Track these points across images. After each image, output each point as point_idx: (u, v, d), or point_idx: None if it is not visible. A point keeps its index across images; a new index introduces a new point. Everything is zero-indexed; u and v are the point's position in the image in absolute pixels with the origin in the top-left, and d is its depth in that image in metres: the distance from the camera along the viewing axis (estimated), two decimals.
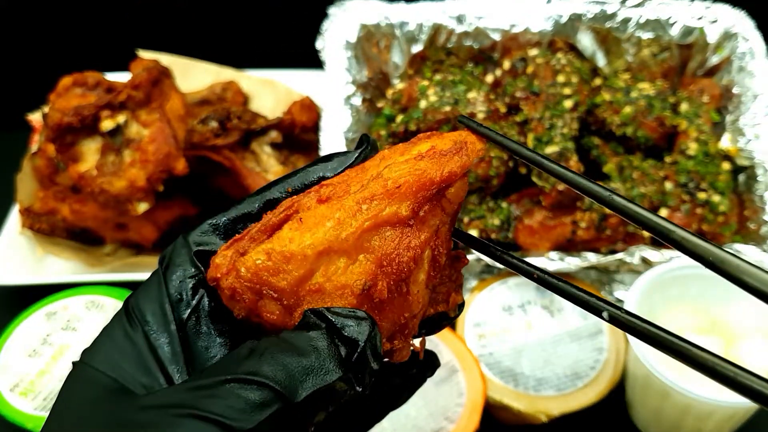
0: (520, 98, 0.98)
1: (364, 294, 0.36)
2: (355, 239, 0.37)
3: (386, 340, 0.37)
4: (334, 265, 0.37)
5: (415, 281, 0.38)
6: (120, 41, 1.21)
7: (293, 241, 0.36)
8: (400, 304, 0.37)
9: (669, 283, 0.79)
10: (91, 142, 0.91)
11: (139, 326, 0.36)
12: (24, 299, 0.93)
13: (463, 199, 0.40)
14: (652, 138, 0.96)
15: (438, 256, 0.39)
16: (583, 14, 1.03)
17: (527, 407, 0.79)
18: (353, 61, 1.06)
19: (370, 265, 0.37)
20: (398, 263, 0.37)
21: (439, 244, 0.39)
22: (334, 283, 0.36)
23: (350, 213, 0.37)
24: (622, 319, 0.35)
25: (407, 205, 0.37)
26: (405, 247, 0.37)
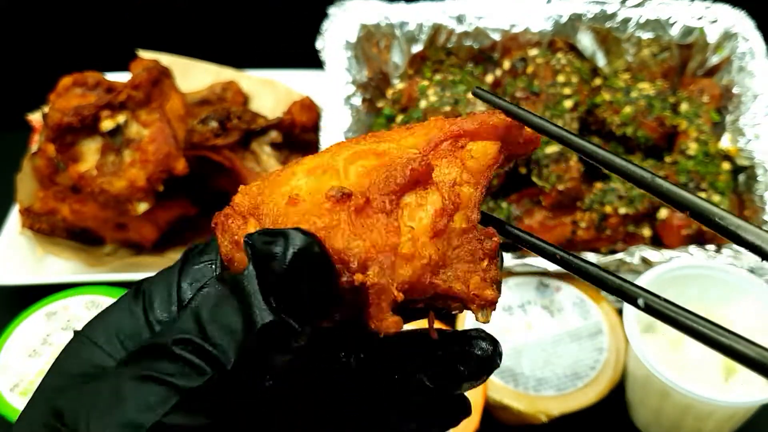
0: (520, 98, 0.98)
1: (336, 199, 0.31)
2: (347, 161, 0.33)
3: (358, 266, 0.31)
4: (318, 181, 0.33)
5: (412, 217, 0.33)
6: (120, 41, 1.21)
7: (285, 169, 0.35)
8: (383, 224, 0.31)
9: (669, 283, 0.79)
10: (91, 142, 0.91)
11: (142, 304, 0.36)
12: (24, 299, 0.93)
13: (494, 165, 0.36)
14: (652, 138, 0.96)
15: (448, 208, 0.33)
16: (583, 14, 1.03)
17: (527, 407, 0.79)
18: (353, 61, 1.06)
19: (357, 182, 0.33)
20: (389, 175, 0.33)
21: (454, 198, 0.34)
22: (314, 196, 0.32)
23: (353, 145, 0.34)
24: (658, 307, 0.32)
25: (416, 142, 0.34)
26: (401, 163, 0.33)
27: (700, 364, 0.75)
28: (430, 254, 0.32)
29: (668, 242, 0.90)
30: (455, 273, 0.34)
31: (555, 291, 0.89)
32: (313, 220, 0.31)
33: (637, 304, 0.33)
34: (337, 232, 0.31)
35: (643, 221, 0.92)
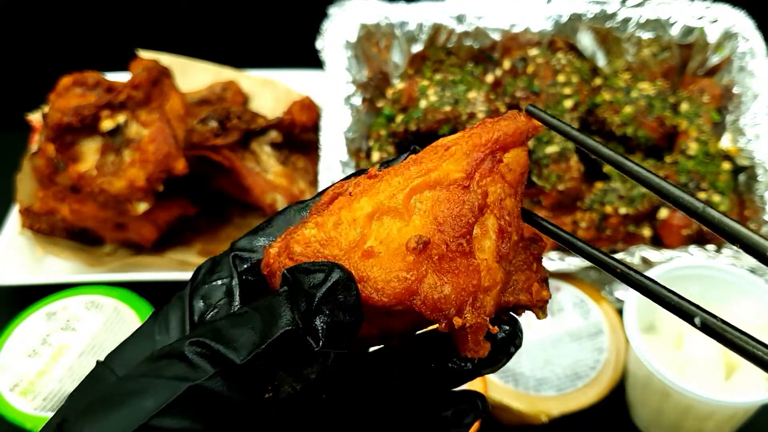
0: (520, 98, 0.98)
1: (419, 250, 0.33)
2: (405, 199, 0.34)
3: (455, 312, 0.33)
4: (386, 227, 0.34)
5: (481, 248, 0.34)
6: (120, 41, 1.21)
7: (343, 209, 0.35)
8: (465, 268, 0.33)
9: (669, 283, 0.79)
10: (91, 142, 0.91)
11: (158, 328, 0.36)
12: (24, 299, 0.93)
13: (527, 170, 0.38)
14: (653, 138, 0.96)
15: (505, 227, 0.35)
16: (584, 14, 1.03)
17: (528, 407, 0.78)
18: (353, 61, 1.05)
19: (425, 224, 0.34)
20: (456, 217, 0.34)
21: (505, 214, 0.35)
22: (388, 245, 0.34)
23: (402, 179, 0.35)
24: (716, 328, 0.33)
25: (460, 165, 0.35)
26: (461, 203, 0.34)
27: (701, 364, 0.74)
28: (501, 278, 0.35)
29: (668, 242, 0.90)
30: (519, 285, 0.37)
31: (555, 291, 0.89)
32: (402, 275, 0.33)
33: (693, 322, 0.33)
34: (427, 282, 0.33)
35: (644, 221, 0.92)
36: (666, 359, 0.74)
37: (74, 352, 0.86)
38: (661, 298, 0.34)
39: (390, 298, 0.33)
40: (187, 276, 1.00)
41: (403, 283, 0.33)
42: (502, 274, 0.35)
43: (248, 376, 0.30)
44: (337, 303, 0.32)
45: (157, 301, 0.92)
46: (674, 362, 0.75)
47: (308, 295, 0.32)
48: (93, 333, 0.87)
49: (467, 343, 0.33)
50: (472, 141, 0.36)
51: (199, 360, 0.30)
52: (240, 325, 0.31)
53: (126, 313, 0.90)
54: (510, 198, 0.36)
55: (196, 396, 0.29)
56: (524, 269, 0.37)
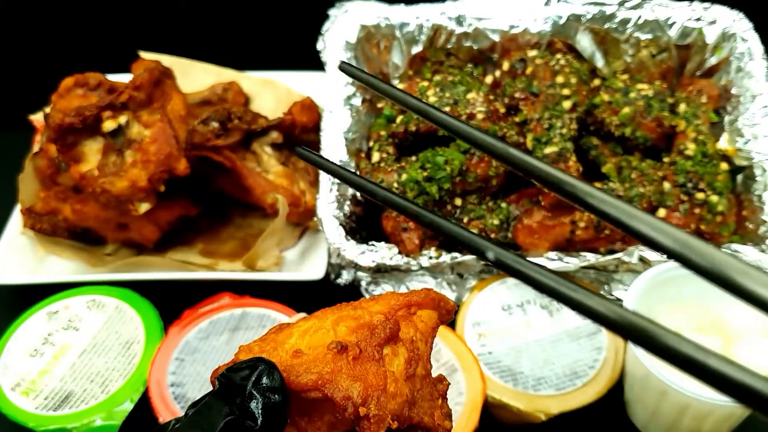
0: (519, 99, 0.98)
1: (337, 350, 0.40)
2: (333, 324, 0.43)
3: (361, 402, 0.40)
4: (314, 336, 0.42)
5: (391, 363, 0.42)
6: (121, 42, 1.22)
7: (280, 332, 0.44)
8: (374, 370, 0.41)
9: (668, 282, 0.80)
10: (93, 143, 0.91)
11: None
12: (25, 299, 0.93)
13: (436, 330, 0.47)
14: (651, 138, 0.96)
15: (413, 359, 0.44)
16: (582, 15, 1.04)
17: (526, 406, 0.79)
18: (353, 62, 1.06)
19: (345, 335, 0.42)
20: (371, 335, 0.42)
21: (415, 350, 0.44)
22: (313, 349, 0.41)
23: (331, 313, 0.44)
24: (508, 261, 0.34)
25: (382, 308, 0.45)
26: (377, 326, 0.43)
27: None
28: (406, 393, 0.42)
29: None
30: (423, 409, 0.45)
31: None
32: (320, 368, 0.40)
33: (487, 257, 0.34)
34: (341, 376, 0.40)
35: None
36: None
37: (76, 351, 0.86)
38: (454, 237, 0.37)
39: (308, 381, 0.40)
40: (188, 276, 1.01)
41: (320, 372, 0.40)
42: (408, 391, 0.42)
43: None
44: (265, 387, 0.39)
45: (158, 301, 0.92)
46: None
47: (240, 387, 0.38)
48: (94, 332, 0.88)
49: (365, 429, 0.41)
50: (395, 296, 0.46)
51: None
52: (190, 428, 0.37)
53: (127, 313, 0.90)
54: (421, 343, 0.45)
55: None
56: (429, 399, 0.45)
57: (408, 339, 0.44)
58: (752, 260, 0.86)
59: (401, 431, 0.43)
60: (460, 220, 0.95)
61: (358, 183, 0.44)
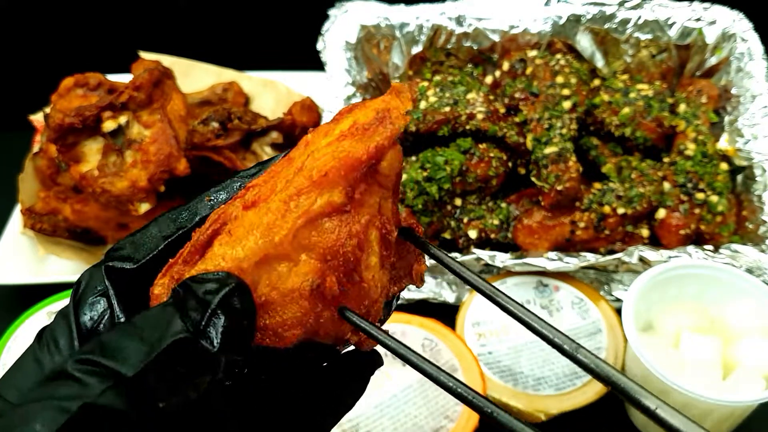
0: (519, 99, 0.98)
1: (314, 293, 0.34)
2: (291, 240, 0.34)
3: (351, 333, 0.36)
4: (275, 272, 0.35)
5: (368, 267, 0.36)
6: (121, 42, 1.22)
7: (226, 258, 0.35)
8: (357, 293, 0.36)
9: (667, 282, 0.80)
10: (93, 143, 0.91)
11: (47, 349, 0.35)
12: (26, 299, 0.93)
13: (401, 167, 0.38)
14: (651, 138, 0.96)
15: (387, 234, 0.37)
16: (582, 15, 1.04)
17: (526, 406, 0.79)
18: (353, 62, 1.06)
19: (314, 263, 0.35)
20: (343, 254, 0.35)
21: (385, 221, 0.37)
22: (281, 291, 0.34)
23: (279, 214, 0.35)
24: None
25: (339, 191, 0.35)
26: (347, 236, 0.35)
27: (698, 363, 0.75)
28: (386, 281, 0.38)
29: (666, 242, 0.91)
30: (398, 274, 0.40)
31: (554, 290, 0.90)
32: (300, 319, 0.34)
33: None
34: (323, 319, 0.35)
35: (642, 221, 0.92)
36: (664, 358, 0.75)
37: None
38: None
39: (293, 342, 0.34)
40: None
41: (303, 328, 0.34)
42: (387, 276, 0.38)
43: (140, 389, 0.29)
44: (233, 309, 0.32)
45: None
46: (672, 361, 0.75)
47: (202, 302, 0.32)
48: None
49: (362, 346, 0.38)
50: (348, 162, 0.35)
51: (87, 377, 0.29)
52: (127, 336, 0.31)
53: None
54: (386, 200, 0.37)
55: (89, 415, 0.29)
56: (405, 255, 0.40)
57: (375, 213, 0.36)
58: (752, 260, 0.86)
59: None
60: (460, 220, 0.95)
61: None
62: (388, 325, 0.80)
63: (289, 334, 0.34)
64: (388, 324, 0.41)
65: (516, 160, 0.97)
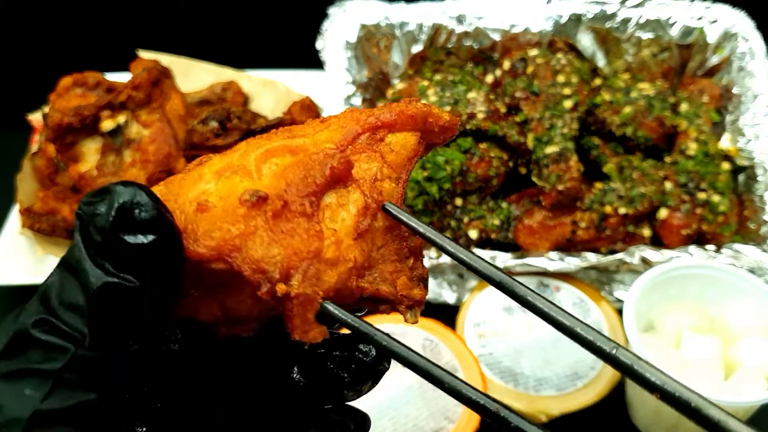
0: (520, 98, 0.98)
1: (251, 204, 0.29)
2: (259, 160, 0.31)
3: (280, 276, 0.29)
4: (230, 183, 0.30)
5: (333, 218, 0.31)
6: (120, 41, 1.21)
7: (190, 171, 0.32)
8: (304, 229, 0.29)
9: (668, 282, 0.79)
10: (92, 143, 0.91)
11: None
12: (24, 299, 0.92)
13: (415, 158, 0.34)
14: (652, 138, 0.96)
15: (371, 206, 0.32)
16: (583, 14, 1.03)
17: (527, 407, 0.79)
18: (353, 62, 1.06)
19: (272, 183, 0.30)
20: (304, 177, 0.30)
21: (376, 195, 0.32)
22: (225, 200, 0.30)
23: (264, 142, 0.32)
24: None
25: (333, 137, 0.32)
26: (314, 165, 0.30)
27: (700, 363, 0.75)
28: (355, 257, 0.31)
29: (668, 242, 0.90)
30: (381, 274, 0.32)
31: (555, 291, 0.90)
32: (226, 227, 0.29)
33: None
34: (254, 239, 0.29)
35: (643, 221, 0.92)
36: (665, 359, 0.75)
37: None
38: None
39: (207, 249, 0.29)
40: None
41: (224, 235, 0.29)
42: (359, 255, 0.31)
43: (101, 341, 0.29)
44: (133, 224, 0.28)
45: None
46: (673, 362, 0.75)
47: (100, 230, 0.28)
48: None
49: (293, 319, 0.29)
50: (354, 115, 0.33)
51: (52, 339, 0.29)
52: (66, 296, 0.30)
53: None
54: (389, 181, 0.33)
55: (67, 377, 0.29)
56: (394, 260, 0.33)
57: (368, 178, 0.32)
58: (753, 260, 0.86)
59: (349, 307, 0.31)
60: (460, 220, 0.94)
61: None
62: (388, 325, 0.80)
63: (208, 239, 0.29)
64: (388, 325, 0.37)
65: (517, 159, 0.97)
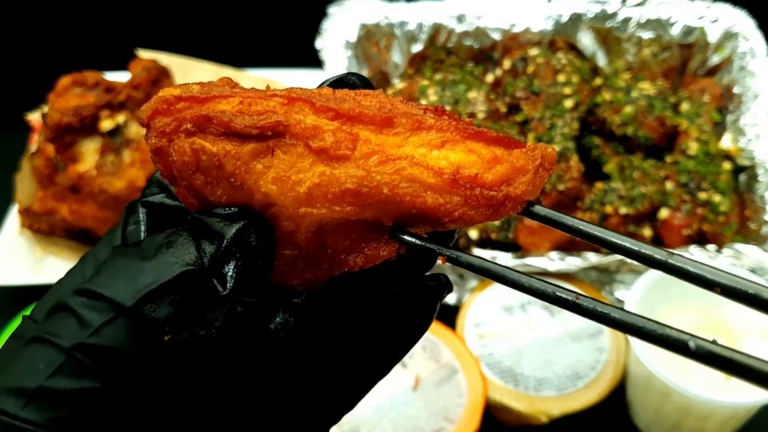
0: (520, 98, 0.98)
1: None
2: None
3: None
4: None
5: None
6: (119, 41, 1.21)
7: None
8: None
9: (669, 282, 0.79)
10: (91, 142, 0.90)
11: (87, 268, 0.34)
12: (23, 299, 0.93)
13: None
14: (653, 138, 0.96)
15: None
16: (584, 14, 1.03)
17: (527, 407, 0.78)
18: (353, 61, 1.05)
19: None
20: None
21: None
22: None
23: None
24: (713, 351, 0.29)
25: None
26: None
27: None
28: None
29: (669, 242, 0.90)
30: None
31: None
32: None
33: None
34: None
35: (644, 221, 0.92)
36: (666, 359, 0.74)
37: None
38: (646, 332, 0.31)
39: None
40: None
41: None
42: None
43: (140, 320, 0.28)
44: (249, 246, 0.30)
45: None
46: (675, 362, 0.75)
47: (215, 234, 0.30)
48: None
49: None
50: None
51: (85, 312, 0.28)
52: (131, 262, 0.29)
53: None
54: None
55: (86, 352, 0.28)
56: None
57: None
58: (754, 260, 0.85)
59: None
60: None
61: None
62: None
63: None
64: None
65: None
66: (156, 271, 0.29)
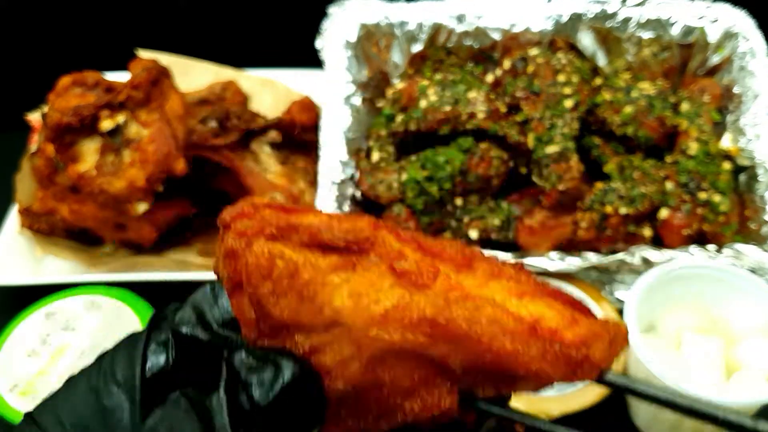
0: (520, 98, 0.98)
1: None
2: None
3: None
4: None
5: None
6: (119, 41, 1.21)
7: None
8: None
9: (670, 282, 0.79)
10: (91, 142, 0.90)
11: (103, 378, 0.32)
12: (23, 299, 0.93)
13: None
14: (653, 138, 0.96)
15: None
16: (584, 14, 1.03)
17: (527, 408, 0.78)
18: (353, 61, 1.05)
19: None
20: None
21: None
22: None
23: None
24: None
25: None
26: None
27: (701, 364, 0.74)
28: None
29: (669, 242, 0.90)
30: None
31: None
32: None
33: None
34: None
35: (644, 221, 0.92)
36: (666, 359, 0.74)
37: (74, 352, 0.85)
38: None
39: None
40: (187, 276, 1.01)
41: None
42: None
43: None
44: (293, 404, 0.28)
45: (156, 301, 0.92)
46: (674, 362, 0.75)
47: (255, 404, 0.28)
48: (92, 333, 0.87)
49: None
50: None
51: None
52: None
53: (125, 313, 0.90)
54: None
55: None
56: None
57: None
58: (754, 260, 0.85)
59: None
60: (460, 220, 0.94)
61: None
62: None
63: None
64: None
65: (517, 159, 0.96)
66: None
